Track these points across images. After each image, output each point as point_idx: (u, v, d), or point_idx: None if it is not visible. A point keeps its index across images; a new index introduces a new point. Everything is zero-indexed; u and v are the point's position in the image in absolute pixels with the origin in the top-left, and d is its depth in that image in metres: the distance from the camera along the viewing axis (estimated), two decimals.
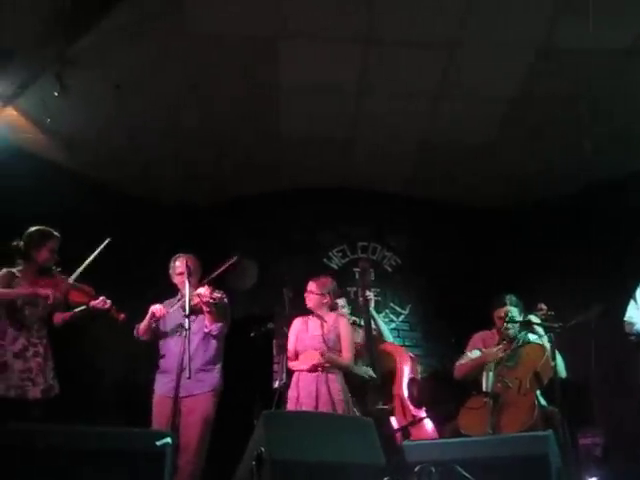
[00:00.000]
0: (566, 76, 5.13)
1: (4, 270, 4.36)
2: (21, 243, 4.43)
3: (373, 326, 5.44)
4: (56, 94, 4.91)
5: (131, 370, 6.02)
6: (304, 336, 5.04)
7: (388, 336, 5.65)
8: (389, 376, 5.19)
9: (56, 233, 4.49)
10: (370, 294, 5.55)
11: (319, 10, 4.52)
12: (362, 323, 5.47)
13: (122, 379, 6.24)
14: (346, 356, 4.93)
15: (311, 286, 5.14)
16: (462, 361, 5.22)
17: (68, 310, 4.52)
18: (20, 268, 4.41)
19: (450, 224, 7.35)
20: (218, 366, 4.73)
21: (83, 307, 4.45)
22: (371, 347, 5.24)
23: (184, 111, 5.66)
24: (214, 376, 4.67)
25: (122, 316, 4.45)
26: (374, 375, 5.08)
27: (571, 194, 6.74)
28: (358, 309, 5.66)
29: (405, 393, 5.14)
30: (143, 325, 4.74)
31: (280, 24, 4.67)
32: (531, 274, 6.71)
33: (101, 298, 4.41)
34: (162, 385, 4.63)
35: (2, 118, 5.21)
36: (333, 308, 5.22)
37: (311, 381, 4.81)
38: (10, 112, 5.28)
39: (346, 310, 5.58)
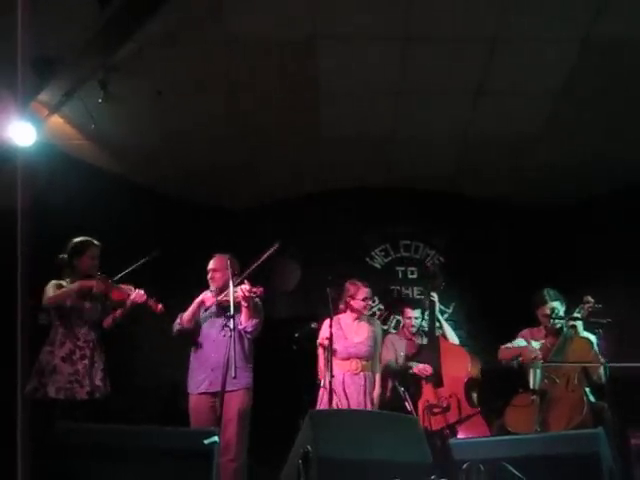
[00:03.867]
0: (611, 69, 5.02)
1: (52, 282, 4.63)
2: (65, 256, 4.71)
3: (438, 327, 5.50)
4: (100, 101, 5.02)
5: (173, 369, 6.08)
6: (344, 340, 5.12)
7: (453, 337, 5.63)
8: (450, 375, 5.19)
9: (96, 242, 4.76)
10: (435, 296, 5.54)
11: (357, 9, 4.50)
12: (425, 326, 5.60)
13: (165, 379, 6.31)
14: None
15: (368, 293, 5.30)
16: (509, 345, 5.20)
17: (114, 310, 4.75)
18: (67, 280, 4.67)
19: (493, 221, 7.28)
20: (250, 365, 4.78)
21: (124, 304, 4.67)
22: (433, 348, 5.29)
23: (224, 115, 5.70)
24: (247, 374, 4.72)
25: (160, 307, 4.65)
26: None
27: (618, 190, 6.60)
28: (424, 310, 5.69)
29: (463, 393, 5.13)
30: (188, 314, 4.80)
31: (318, 25, 4.67)
32: (575, 271, 6.60)
33: (137, 291, 4.63)
34: (197, 385, 4.69)
35: (48, 126, 5.32)
36: None
37: (357, 385, 5.02)
38: (56, 120, 5.40)
39: (419, 320, 5.69)
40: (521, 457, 3.39)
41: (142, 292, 4.62)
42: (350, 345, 5.12)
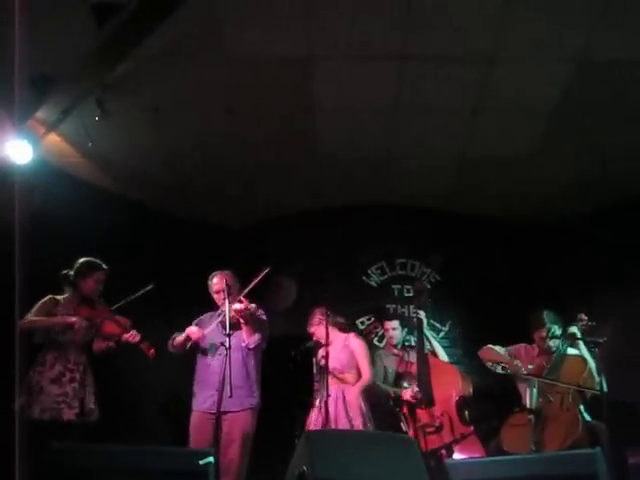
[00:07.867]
0: (607, 86, 5.05)
1: (48, 296, 4.57)
2: (70, 272, 4.64)
3: (427, 346, 5.44)
4: (97, 119, 5.02)
5: (172, 388, 6.05)
6: None
7: (443, 355, 5.60)
8: (440, 394, 5.15)
9: (104, 266, 4.69)
10: (422, 314, 5.52)
11: (353, 29, 4.53)
12: (413, 343, 5.56)
13: (163, 398, 6.28)
14: (365, 376, 5.12)
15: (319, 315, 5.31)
16: (496, 348, 5.19)
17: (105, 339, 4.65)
18: (66, 296, 4.61)
19: (489, 239, 7.28)
20: (256, 384, 4.74)
21: (115, 339, 4.57)
22: (422, 367, 5.23)
23: (221, 132, 5.72)
24: (252, 394, 4.68)
25: (152, 351, 4.52)
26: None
27: (612, 207, 6.61)
28: (411, 328, 5.67)
29: (454, 411, 5.09)
30: (177, 342, 4.78)
31: (315, 44, 4.70)
32: (573, 288, 6.60)
33: (131, 332, 4.51)
34: (201, 402, 4.66)
35: (45, 144, 5.33)
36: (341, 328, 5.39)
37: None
38: (53, 138, 5.41)
39: (398, 331, 5.62)
40: (519, 477, 3.38)
41: (136, 333, 4.50)
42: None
